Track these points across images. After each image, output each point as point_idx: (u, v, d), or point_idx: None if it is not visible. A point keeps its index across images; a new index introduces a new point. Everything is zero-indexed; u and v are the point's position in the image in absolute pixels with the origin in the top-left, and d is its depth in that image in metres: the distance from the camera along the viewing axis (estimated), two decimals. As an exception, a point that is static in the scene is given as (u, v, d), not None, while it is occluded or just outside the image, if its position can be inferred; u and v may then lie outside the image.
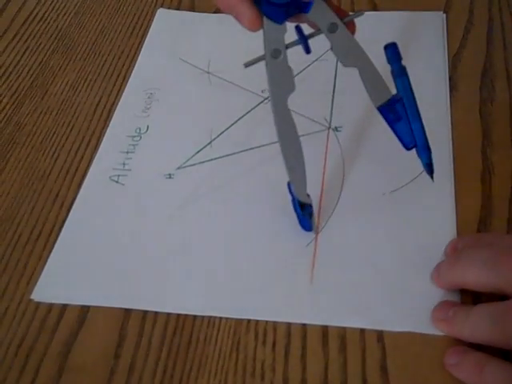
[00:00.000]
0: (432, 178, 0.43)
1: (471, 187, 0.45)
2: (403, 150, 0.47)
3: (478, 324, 0.35)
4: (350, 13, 0.39)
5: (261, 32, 0.38)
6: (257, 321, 0.40)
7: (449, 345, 0.37)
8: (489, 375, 0.34)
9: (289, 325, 0.40)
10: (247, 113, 0.51)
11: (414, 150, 0.43)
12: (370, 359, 0.38)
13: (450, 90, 0.51)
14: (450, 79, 0.52)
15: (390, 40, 0.55)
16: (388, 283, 0.41)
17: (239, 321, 0.41)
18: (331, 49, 0.39)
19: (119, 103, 0.55)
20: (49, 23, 0.64)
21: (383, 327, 0.39)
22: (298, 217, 0.43)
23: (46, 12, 0.66)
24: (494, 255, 0.36)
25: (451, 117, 0.49)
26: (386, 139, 0.48)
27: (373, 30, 0.57)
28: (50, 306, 0.43)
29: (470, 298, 0.39)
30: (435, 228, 0.43)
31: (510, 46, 0.54)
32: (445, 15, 0.58)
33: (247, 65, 0.38)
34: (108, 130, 0.53)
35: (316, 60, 0.55)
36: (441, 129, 0.49)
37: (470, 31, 0.56)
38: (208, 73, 0.56)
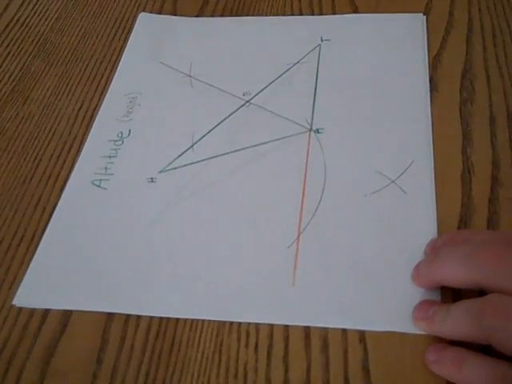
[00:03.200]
0: None
1: (451, 187, 0.45)
2: (384, 150, 0.48)
3: (457, 321, 0.35)
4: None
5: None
6: (239, 323, 0.40)
7: (430, 343, 0.37)
8: (467, 370, 0.34)
9: (271, 326, 0.40)
10: (229, 116, 0.51)
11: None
12: (352, 359, 0.38)
13: (431, 91, 0.52)
14: (431, 80, 0.52)
15: (370, 42, 0.56)
16: (370, 284, 0.41)
17: (222, 323, 0.41)
18: None
19: (101, 108, 0.55)
20: (30, 28, 0.64)
21: (365, 327, 0.39)
22: None
23: (27, 17, 0.66)
24: (470, 251, 0.36)
25: (431, 117, 0.50)
26: (367, 140, 0.49)
27: (354, 32, 0.58)
28: (32, 311, 0.42)
29: (451, 296, 0.39)
30: (416, 228, 0.43)
31: (489, 47, 0.55)
32: (425, 17, 0.58)
33: None
34: (90, 135, 0.53)
35: (297, 62, 0.55)
36: (421, 129, 0.49)
37: (450, 33, 0.56)
38: (190, 76, 0.56)
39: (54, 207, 0.48)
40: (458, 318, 0.35)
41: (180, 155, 0.49)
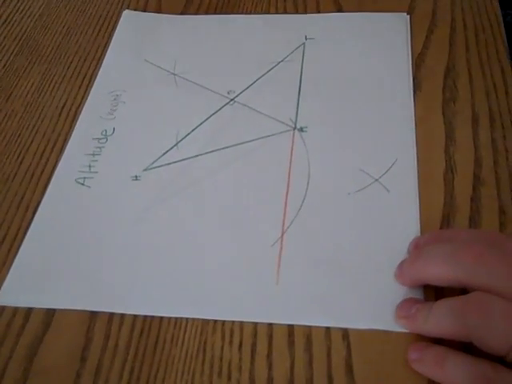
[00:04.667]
0: None
1: (434, 186, 0.46)
2: (368, 149, 0.48)
3: (439, 319, 0.35)
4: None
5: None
6: (223, 321, 0.41)
7: (412, 341, 0.38)
8: (449, 368, 0.34)
9: (255, 325, 0.40)
10: (213, 114, 0.51)
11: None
12: (336, 357, 0.38)
13: (414, 90, 0.52)
14: (414, 79, 0.53)
15: (354, 41, 0.56)
16: (353, 282, 0.41)
17: (206, 321, 0.41)
18: None
19: (85, 105, 0.55)
20: (13, 25, 0.64)
21: (348, 325, 0.39)
22: None
23: (9, 14, 0.65)
24: (452, 249, 0.36)
25: (415, 116, 0.50)
26: (350, 139, 0.49)
27: (338, 31, 0.58)
28: (15, 310, 0.42)
29: (433, 294, 0.40)
30: (399, 227, 0.44)
31: (472, 46, 0.55)
32: (408, 16, 0.58)
33: None
34: (74, 133, 0.53)
35: (281, 61, 0.55)
36: (405, 128, 0.49)
37: (433, 32, 0.57)
38: (174, 74, 0.56)
39: (38, 205, 0.48)
40: (440, 316, 0.35)
41: (164, 153, 0.49)
